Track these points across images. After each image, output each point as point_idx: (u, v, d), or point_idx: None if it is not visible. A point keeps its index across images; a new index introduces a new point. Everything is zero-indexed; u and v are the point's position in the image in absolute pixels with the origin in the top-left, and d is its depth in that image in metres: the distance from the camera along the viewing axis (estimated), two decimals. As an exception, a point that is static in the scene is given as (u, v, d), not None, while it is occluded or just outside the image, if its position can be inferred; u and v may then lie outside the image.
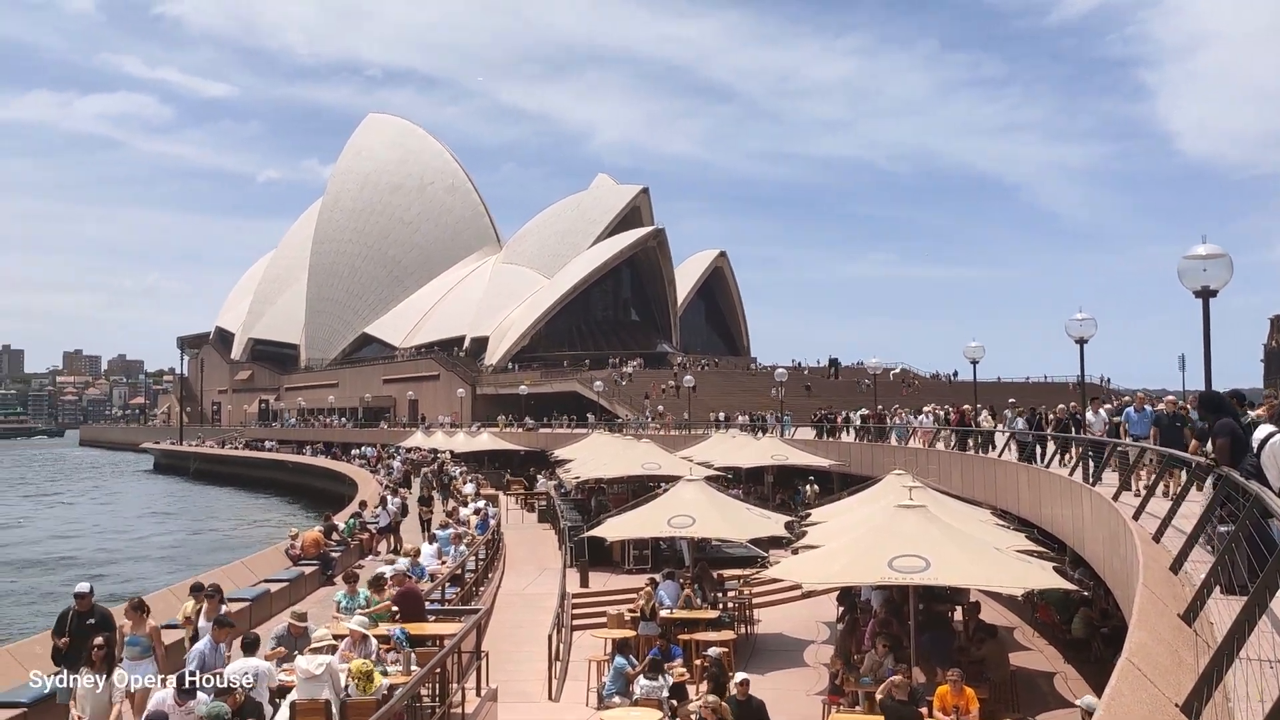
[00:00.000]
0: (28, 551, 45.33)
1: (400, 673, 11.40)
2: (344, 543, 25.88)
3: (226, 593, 19.05)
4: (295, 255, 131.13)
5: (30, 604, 32.51)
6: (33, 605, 32.07)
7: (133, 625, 11.31)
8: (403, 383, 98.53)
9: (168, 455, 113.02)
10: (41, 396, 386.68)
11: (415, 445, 61.67)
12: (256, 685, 10.07)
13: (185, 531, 52.42)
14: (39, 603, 32.45)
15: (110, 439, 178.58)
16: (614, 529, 21.98)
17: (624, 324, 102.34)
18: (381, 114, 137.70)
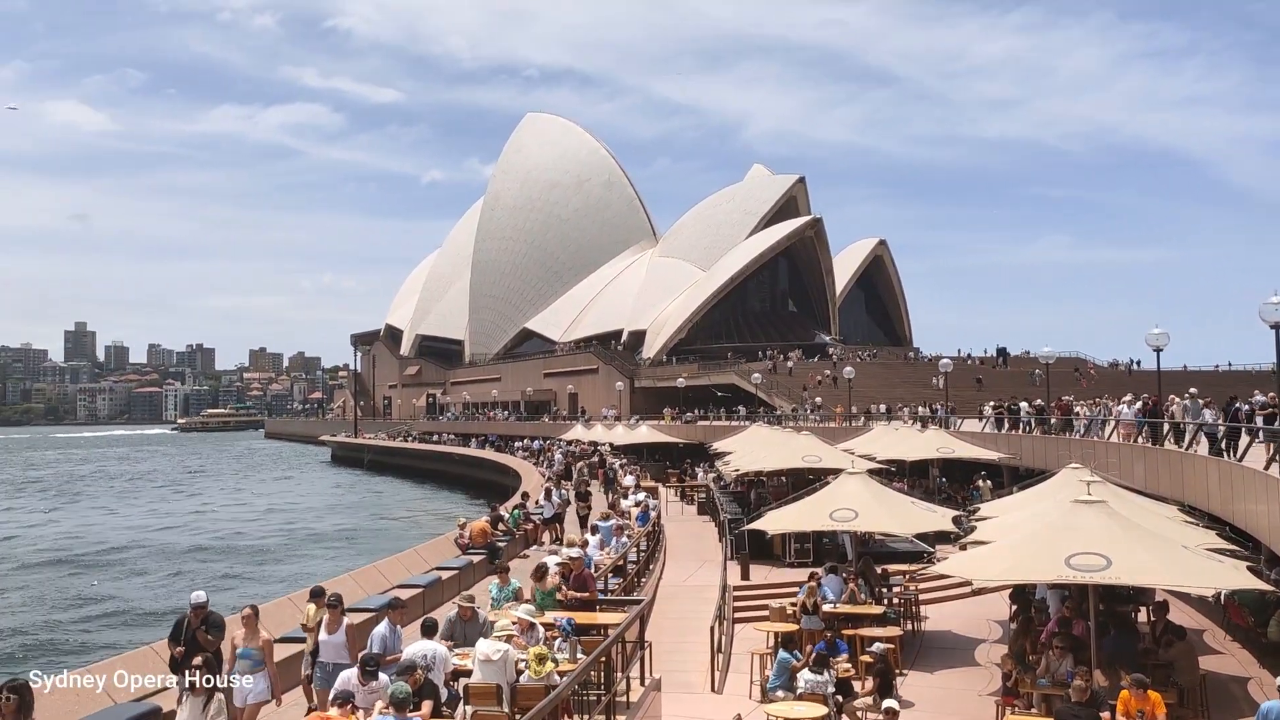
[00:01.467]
0: (212, 537, 48.26)
1: (567, 660, 11.59)
2: (510, 533, 26.54)
3: (400, 579, 19.95)
4: (459, 253, 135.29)
5: (225, 588, 34.56)
6: (226, 587, 34.12)
7: (245, 636, 10.95)
8: (562, 376, 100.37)
9: (344, 447, 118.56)
10: (230, 392, 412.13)
11: (575, 438, 62.75)
12: (434, 668, 10.40)
13: (360, 520, 54.84)
14: (228, 584, 34.51)
15: (292, 432, 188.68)
16: (774, 522, 21.77)
17: (781, 315, 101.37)
18: (539, 113, 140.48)
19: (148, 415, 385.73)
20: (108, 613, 30.70)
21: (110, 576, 36.71)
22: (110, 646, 24.07)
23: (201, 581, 34.65)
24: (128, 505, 66.03)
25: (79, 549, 44.08)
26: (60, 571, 38.23)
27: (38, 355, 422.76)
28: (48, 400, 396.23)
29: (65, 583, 35.83)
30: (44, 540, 47.42)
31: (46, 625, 29.12)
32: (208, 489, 79.99)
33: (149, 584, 35.39)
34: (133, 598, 32.75)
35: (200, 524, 53.67)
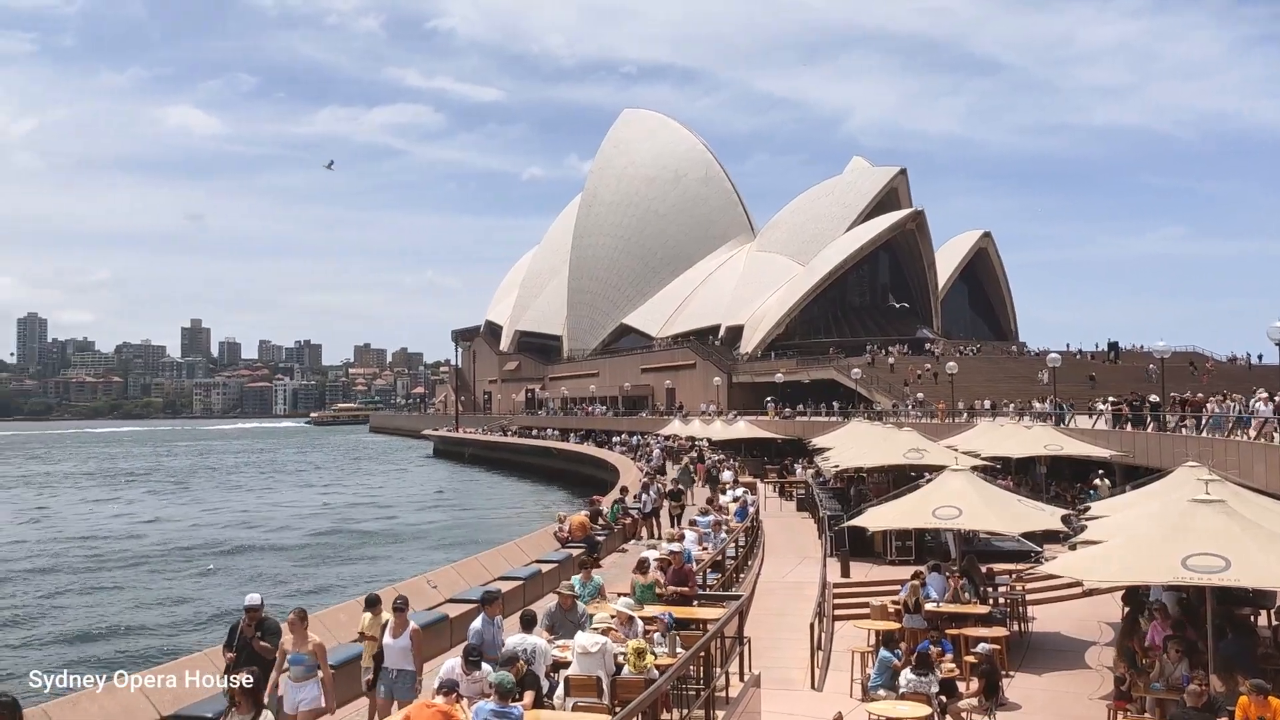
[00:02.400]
0: (325, 526, 49.69)
1: (666, 654, 11.63)
2: (608, 527, 26.73)
3: (501, 572, 20.26)
4: (557, 249, 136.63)
5: (328, 586, 35.56)
6: (331, 583, 35.10)
7: (295, 641, 10.42)
8: (660, 372, 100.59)
9: (445, 442, 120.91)
10: (336, 387, 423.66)
11: (673, 433, 62.79)
12: (534, 660, 10.54)
13: (461, 513, 55.87)
14: (330, 576, 35.51)
15: (396, 426, 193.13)
16: (875, 519, 21.47)
17: (881, 310, 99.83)
18: (636, 109, 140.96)
19: (258, 409, 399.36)
20: (201, 611, 30.55)
21: (216, 568, 37.97)
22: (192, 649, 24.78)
23: (309, 573, 35.67)
24: (253, 495, 68.46)
25: (184, 541, 45.77)
26: (165, 563, 39.45)
27: (156, 351, 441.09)
28: (166, 395, 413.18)
29: (172, 573, 37.13)
30: (163, 529, 49.46)
31: (138, 620, 29.44)
32: (322, 481, 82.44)
33: (254, 577, 36.00)
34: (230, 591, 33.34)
35: (313, 515, 55.30)
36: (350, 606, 15.28)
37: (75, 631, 27.81)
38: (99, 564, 38.53)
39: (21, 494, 73.27)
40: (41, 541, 45.61)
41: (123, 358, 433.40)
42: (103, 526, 51.11)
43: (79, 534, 47.94)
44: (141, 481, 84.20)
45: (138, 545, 43.41)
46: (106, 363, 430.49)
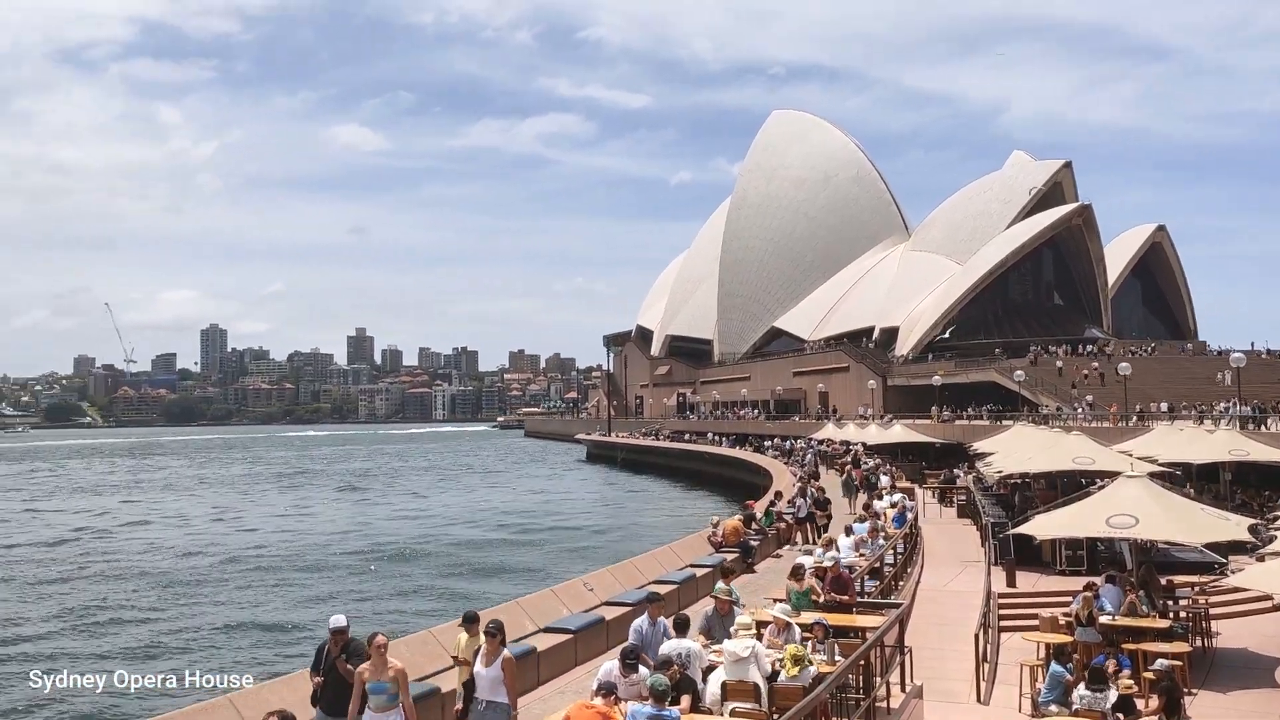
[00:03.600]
0: (470, 528, 50.97)
1: (824, 662, 11.41)
2: (762, 532, 26.49)
3: (655, 575, 20.32)
4: (707, 253, 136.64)
5: (476, 591, 36.38)
6: (476, 593, 35.92)
7: (373, 669, 9.67)
8: (812, 375, 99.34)
9: (598, 446, 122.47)
10: (492, 392, 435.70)
11: (826, 437, 61.91)
12: (689, 665, 10.50)
13: (614, 516, 56.42)
14: (482, 579, 36.34)
15: (549, 430, 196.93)
16: (1043, 527, 20.54)
17: (1045, 309, 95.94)
18: (785, 110, 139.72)
19: (418, 414, 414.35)
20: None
21: (375, 569, 39.33)
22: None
23: (458, 578, 36.36)
24: (410, 497, 70.98)
25: (347, 543, 47.57)
26: (328, 563, 41.05)
27: (324, 359, 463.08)
28: (334, 400, 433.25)
29: (326, 575, 38.60)
30: (330, 529, 51.69)
31: (291, 619, 29.47)
32: (476, 485, 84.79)
33: (400, 578, 36.32)
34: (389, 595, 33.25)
35: (466, 518, 56.85)
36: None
37: (218, 629, 28.04)
38: (265, 563, 40.27)
39: (265, 496, 77.92)
40: (227, 540, 48.32)
41: (294, 365, 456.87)
42: (271, 527, 53.79)
43: (253, 534, 50.56)
44: (325, 481, 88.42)
45: (300, 545, 45.30)
46: (280, 370, 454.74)
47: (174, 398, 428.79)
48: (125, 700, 18.69)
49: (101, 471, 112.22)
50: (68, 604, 31.67)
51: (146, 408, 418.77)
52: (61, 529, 53.27)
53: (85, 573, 38.08)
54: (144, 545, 46.14)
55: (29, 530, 53.22)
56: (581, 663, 15.16)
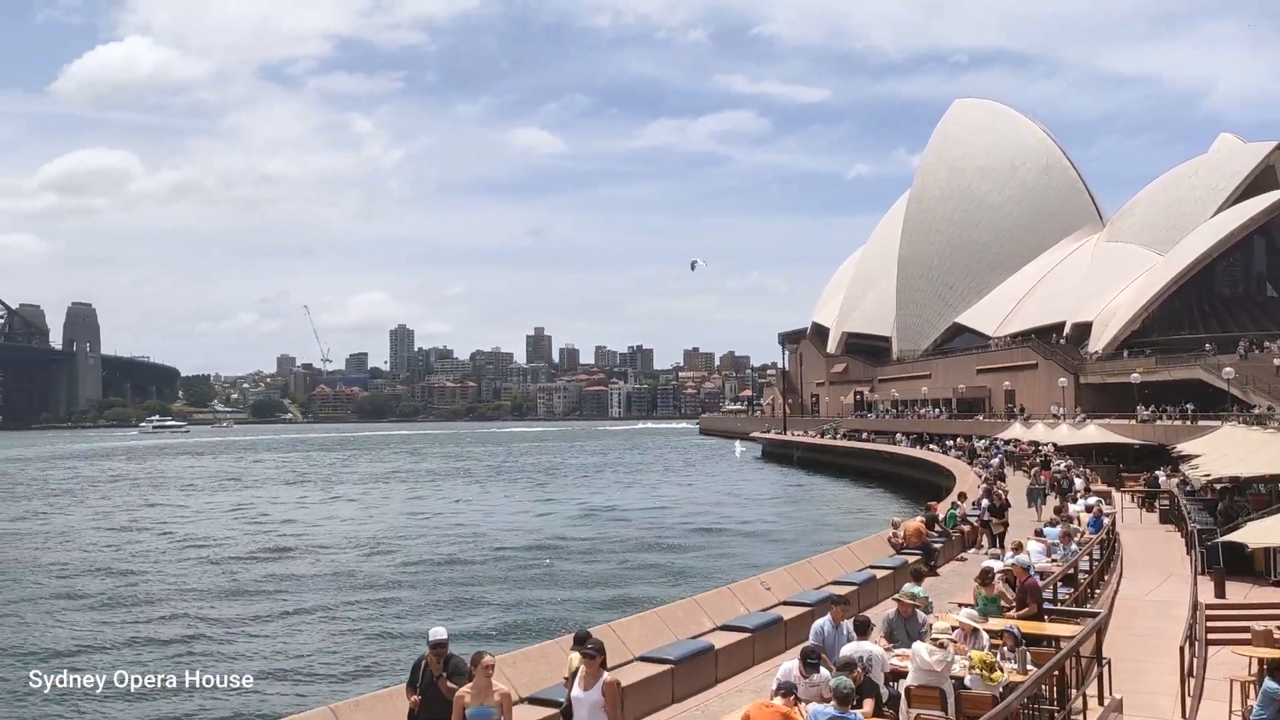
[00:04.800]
0: (643, 526, 51.34)
1: (1015, 671, 10.96)
2: (945, 534, 25.68)
3: (834, 576, 19.99)
4: (885, 248, 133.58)
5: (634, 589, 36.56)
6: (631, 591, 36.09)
7: (476, 692, 9.02)
8: (998, 372, 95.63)
9: (773, 444, 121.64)
10: (667, 391, 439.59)
11: (1013, 437, 59.54)
12: (871, 668, 10.27)
13: (791, 515, 55.88)
14: (647, 577, 36.53)
15: (724, 428, 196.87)
16: (1259, 534, 19.10)
17: (1256, 302, 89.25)
18: (968, 98, 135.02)
19: (595, 411, 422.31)
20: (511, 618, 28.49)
21: (551, 563, 40.16)
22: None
23: (629, 575, 36.61)
24: (595, 492, 72.41)
25: (522, 539, 48.82)
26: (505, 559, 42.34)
27: (505, 358, 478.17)
28: (514, 398, 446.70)
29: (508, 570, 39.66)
30: (513, 524, 53.23)
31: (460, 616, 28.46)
32: (651, 481, 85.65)
33: (549, 577, 35.94)
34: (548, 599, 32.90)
35: (645, 514, 57.44)
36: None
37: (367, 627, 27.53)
38: (433, 557, 41.82)
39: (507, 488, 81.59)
40: (404, 532, 50.50)
41: (476, 364, 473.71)
42: (446, 520, 55.79)
43: (427, 527, 52.54)
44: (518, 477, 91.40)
45: (469, 540, 46.57)
46: (463, 369, 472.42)
47: (366, 395, 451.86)
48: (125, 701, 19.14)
49: (312, 466, 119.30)
50: (255, 588, 33.73)
51: (341, 404, 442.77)
52: (266, 521, 56.85)
53: (250, 566, 40.39)
54: (337, 538, 48.69)
55: (221, 525, 56.99)
56: (759, 662, 15.07)
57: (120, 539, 47.96)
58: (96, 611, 29.92)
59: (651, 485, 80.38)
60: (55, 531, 51.28)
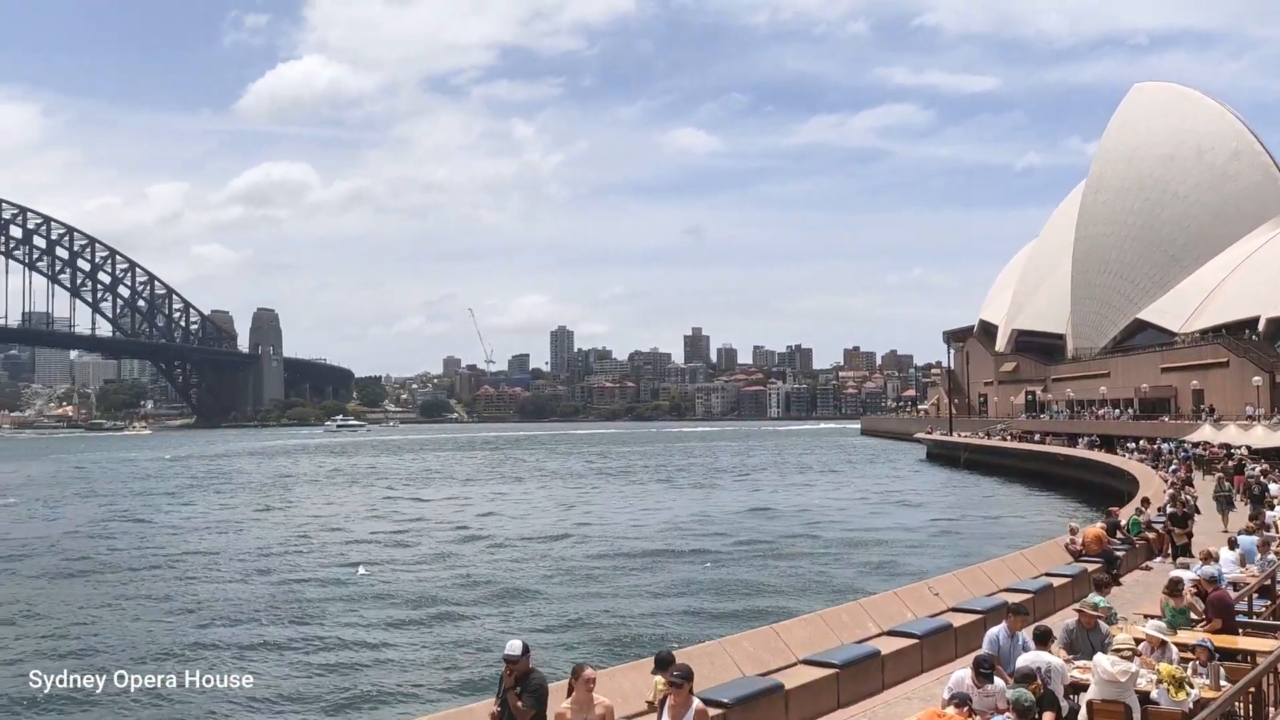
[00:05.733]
0: (799, 528, 50.61)
1: (1207, 686, 10.34)
2: (1128, 541, 24.41)
3: (1006, 583, 19.24)
4: (1058, 241, 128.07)
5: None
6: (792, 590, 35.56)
7: (576, 708, 8.61)
8: (1184, 371, 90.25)
9: (938, 445, 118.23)
10: (827, 390, 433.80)
11: (1202, 439, 56.15)
12: (1050, 680, 9.90)
13: (959, 519, 54.19)
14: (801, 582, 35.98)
15: (885, 429, 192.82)
16: None
17: None
18: (1148, 82, 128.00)
19: (753, 412, 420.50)
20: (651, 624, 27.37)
21: (712, 564, 40.10)
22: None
23: (785, 574, 36.16)
24: (754, 491, 72.19)
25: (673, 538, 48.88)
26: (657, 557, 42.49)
27: (663, 358, 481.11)
28: (672, 398, 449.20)
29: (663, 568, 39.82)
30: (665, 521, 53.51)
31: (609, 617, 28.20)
32: (821, 481, 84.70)
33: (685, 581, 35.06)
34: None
35: (806, 515, 56.83)
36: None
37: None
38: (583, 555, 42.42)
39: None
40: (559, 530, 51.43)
41: (634, 364, 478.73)
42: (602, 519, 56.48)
43: (576, 526, 53.27)
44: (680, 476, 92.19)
45: (635, 537, 47.15)
46: (621, 369, 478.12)
47: (527, 395, 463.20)
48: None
49: (497, 463, 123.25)
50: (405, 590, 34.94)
51: (504, 405, 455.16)
52: (439, 520, 58.97)
53: (436, 561, 41.75)
54: (506, 535, 50.03)
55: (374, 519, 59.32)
56: (928, 669, 14.67)
57: (366, 529, 51.01)
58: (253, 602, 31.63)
59: (813, 486, 79.44)
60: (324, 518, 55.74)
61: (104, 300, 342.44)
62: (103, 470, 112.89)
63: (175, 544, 46.10)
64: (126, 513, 61.37)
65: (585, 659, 12.09)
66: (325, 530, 51.02)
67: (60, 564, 40.01)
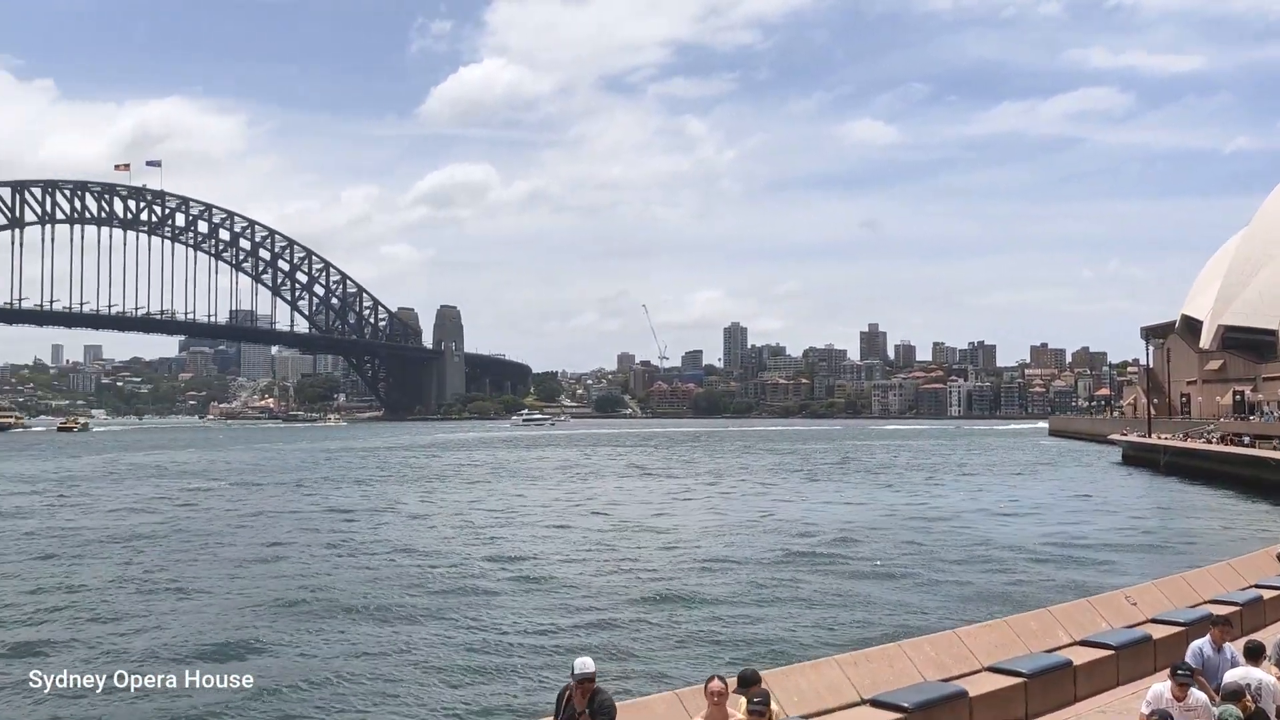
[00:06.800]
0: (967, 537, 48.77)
1: None
2: (1354, 553, 22.46)
3: (1211, 594, 18.05)
4: (1271, 230, 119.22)
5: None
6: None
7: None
8: None
9: (1135, 447, 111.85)
10: (1012, 389, 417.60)
11: None
12: (1262, 698, 9.24)
13: (1159, 526, 51.22)
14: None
15: (1076, 430, 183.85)
16: None
17: None
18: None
19: (933, 410, 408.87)
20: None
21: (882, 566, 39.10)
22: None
23: (966, 578, 34.83)
24: (931, 492, 70.31)
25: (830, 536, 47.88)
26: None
27: (838, 355, 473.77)
28: (847, 396, 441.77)
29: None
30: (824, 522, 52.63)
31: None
32: (1007, 482, 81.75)
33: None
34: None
35: (984, 518, 54.94)
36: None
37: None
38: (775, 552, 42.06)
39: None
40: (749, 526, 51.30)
41: (809, 361, 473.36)
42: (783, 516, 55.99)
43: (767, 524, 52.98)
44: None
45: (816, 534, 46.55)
46: (795, 366, 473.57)
47: (700, 391, 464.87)
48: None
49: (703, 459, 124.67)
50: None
51: (677, 401, 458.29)
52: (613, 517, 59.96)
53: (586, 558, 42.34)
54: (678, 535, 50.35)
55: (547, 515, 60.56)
56: (1124, 682, 13.94)
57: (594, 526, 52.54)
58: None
59: (1001, 487, 76.59)
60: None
61: (301, 299, 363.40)
62: (340, 459, 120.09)
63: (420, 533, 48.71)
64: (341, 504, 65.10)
65: (743, 665, 11.92)
66: (527, 520, 52.75)
67: (254, 547, 42.79)
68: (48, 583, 32.68)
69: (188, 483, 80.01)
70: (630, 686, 18.43)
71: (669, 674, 20.58)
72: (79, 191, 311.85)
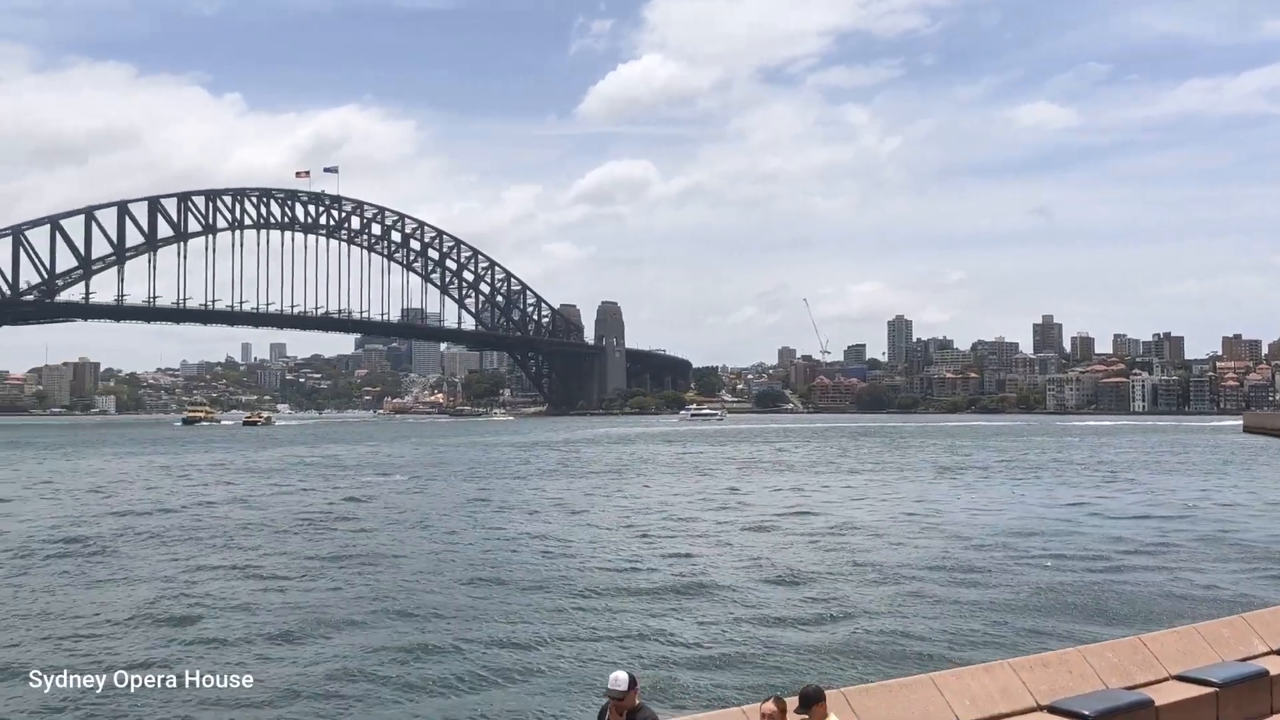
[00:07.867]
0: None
1: None
2: None
3: None
4: None
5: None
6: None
7: None
8: None
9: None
10: (1202, 382, 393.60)
11: None
12: None
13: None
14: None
15: (1275, 426, 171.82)
16: None
17: None
18: None
19: (1114, 405, 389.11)
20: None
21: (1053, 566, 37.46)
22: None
23: (1147, 585, 33.07)
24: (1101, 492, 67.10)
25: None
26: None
27: (1009, 348, 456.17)
28: (1019, 390, 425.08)
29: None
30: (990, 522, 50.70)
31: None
32: (1203, 483, 77.22)
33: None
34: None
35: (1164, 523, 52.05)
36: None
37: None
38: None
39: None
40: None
41: (978, 354, 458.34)
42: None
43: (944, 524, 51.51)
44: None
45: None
46: (963, 359, 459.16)
47: (864, 386, 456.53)
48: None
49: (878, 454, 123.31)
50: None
51: (840, 395, 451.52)
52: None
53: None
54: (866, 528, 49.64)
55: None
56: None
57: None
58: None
59: (1192, 487, 72.06)
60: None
61: (468, 296, 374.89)
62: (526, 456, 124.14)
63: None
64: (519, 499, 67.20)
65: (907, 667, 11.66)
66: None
67: (436, 540, 44.50)
68: (242, 559, 35.01)
69: (357, 476, 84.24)
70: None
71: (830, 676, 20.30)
72: (264, 198, 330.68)
